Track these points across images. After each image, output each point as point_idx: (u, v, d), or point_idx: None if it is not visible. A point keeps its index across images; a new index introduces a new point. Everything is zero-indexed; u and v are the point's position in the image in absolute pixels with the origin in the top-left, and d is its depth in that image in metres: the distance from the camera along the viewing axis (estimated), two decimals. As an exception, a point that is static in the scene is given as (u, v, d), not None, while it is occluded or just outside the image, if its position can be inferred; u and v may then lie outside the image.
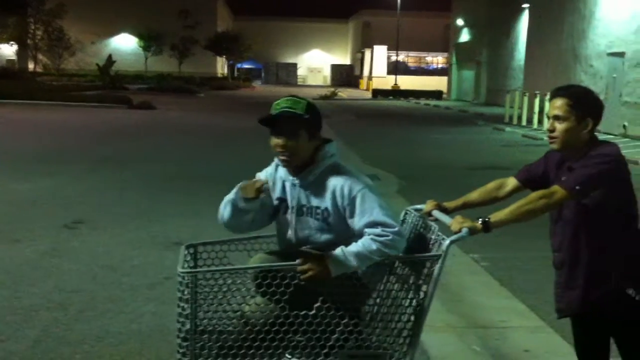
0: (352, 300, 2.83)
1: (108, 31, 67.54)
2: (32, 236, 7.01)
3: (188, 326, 2.75)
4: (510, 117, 25.72)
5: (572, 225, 2.97)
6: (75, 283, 5.56)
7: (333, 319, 2.76)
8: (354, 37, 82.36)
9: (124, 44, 67.92)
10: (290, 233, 2.98)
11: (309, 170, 2.91)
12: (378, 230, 2.76)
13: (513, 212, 2.85)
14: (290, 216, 2.97)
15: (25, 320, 4.67)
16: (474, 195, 3.26)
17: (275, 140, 2.88)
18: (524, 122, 24.37)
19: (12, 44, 49.05)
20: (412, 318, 2.85)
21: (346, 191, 2.83)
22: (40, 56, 50.45)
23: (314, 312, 2.74)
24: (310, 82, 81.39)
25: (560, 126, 2.93)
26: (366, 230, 2.78)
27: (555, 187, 2.86)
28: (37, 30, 48.94)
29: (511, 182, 3.24)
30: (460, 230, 2.82)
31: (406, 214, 3.28)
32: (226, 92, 47.46)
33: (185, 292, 2.74)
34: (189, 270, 2.86)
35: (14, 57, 51.27)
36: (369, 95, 52.33)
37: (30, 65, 50.68)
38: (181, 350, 2.76)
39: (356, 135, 19.69)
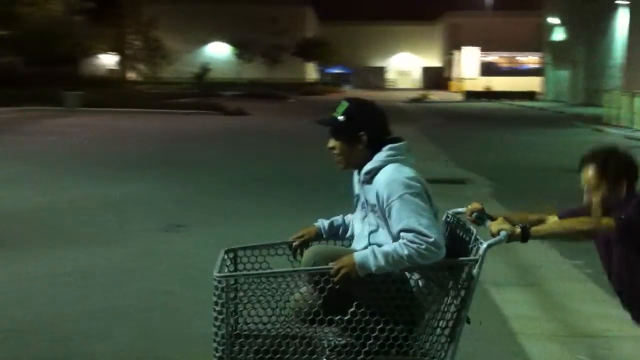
0: (400, 312, 2.82)
1: (201, 39, 69.63)
2: (125, 239, 7.27)
3: (224, 330, 2.77)
4: (612, 118, 24.65)
5: (621, 252, 2.91)
6: (166, 285, 5.71)
7: (368, 324, 2.77)
8: (442, 39, 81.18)
9: (217, 51, 69.85)
10: (359, 226, 3.07)
11: (363, 169, 3.00)
12: (411, 236, 2.76)
13: (555, 227, 2.91)
14: (361, 211, 3.07)
15: (121, 321, 4.84)
16: (534, 217, 3.18)
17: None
18: (626, 123, 23.29)
19: (113, 54, 51.50)
20: (451, 324, 2.83)
21: (385, 195, 2.86)
22: (139, 65, 52.52)
23: (348, 317, 2.77)
24: (400, 85, 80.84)
25: (595, 198, 2.92)
26: (401, 234, 2.80)
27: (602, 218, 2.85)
28: (136, 41, 51.09)
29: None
30: (498, 233, 2.79)
31: (447, 217, 3.26)
32: (315, 98, 47.84)
33: (222, 296, 2.76)
34: (225, 274, 2.87)
35: (115, 67, 53.63)
36: (459, 97, 51.46)
37: (131, 75, 52.90)
38: (217, 354, 2.79)
39: (447, 138, 19.41)
